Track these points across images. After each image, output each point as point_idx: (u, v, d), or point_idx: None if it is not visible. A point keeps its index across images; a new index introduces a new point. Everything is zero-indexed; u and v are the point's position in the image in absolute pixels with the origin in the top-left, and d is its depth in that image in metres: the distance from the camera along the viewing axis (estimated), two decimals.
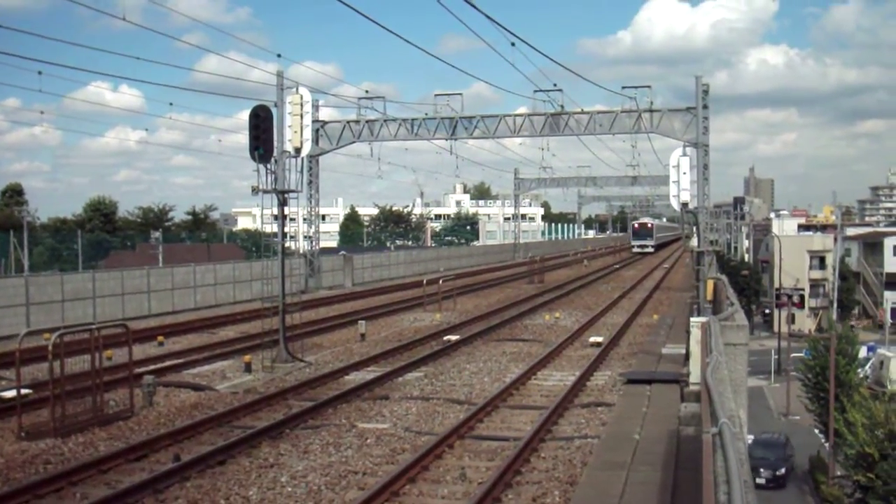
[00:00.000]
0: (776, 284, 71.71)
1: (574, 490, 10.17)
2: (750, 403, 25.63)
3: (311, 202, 40.43)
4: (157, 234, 60.83)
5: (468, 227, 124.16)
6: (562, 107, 35.96)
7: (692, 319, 17.64)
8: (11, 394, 14.26)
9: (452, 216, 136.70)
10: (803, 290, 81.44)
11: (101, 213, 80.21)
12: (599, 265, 66.00)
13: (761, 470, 35.28)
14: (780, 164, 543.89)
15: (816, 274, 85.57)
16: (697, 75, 33.91)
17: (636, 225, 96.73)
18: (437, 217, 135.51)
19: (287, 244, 24.36)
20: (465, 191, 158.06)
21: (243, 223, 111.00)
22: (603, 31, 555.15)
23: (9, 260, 50.86)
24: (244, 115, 23.48)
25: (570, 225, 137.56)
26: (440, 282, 34.79)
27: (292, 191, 21.17)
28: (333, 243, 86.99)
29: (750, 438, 25.17)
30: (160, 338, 23.69)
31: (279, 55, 57.55)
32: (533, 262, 53.22)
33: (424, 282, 35.27)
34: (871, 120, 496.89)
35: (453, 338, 23.49)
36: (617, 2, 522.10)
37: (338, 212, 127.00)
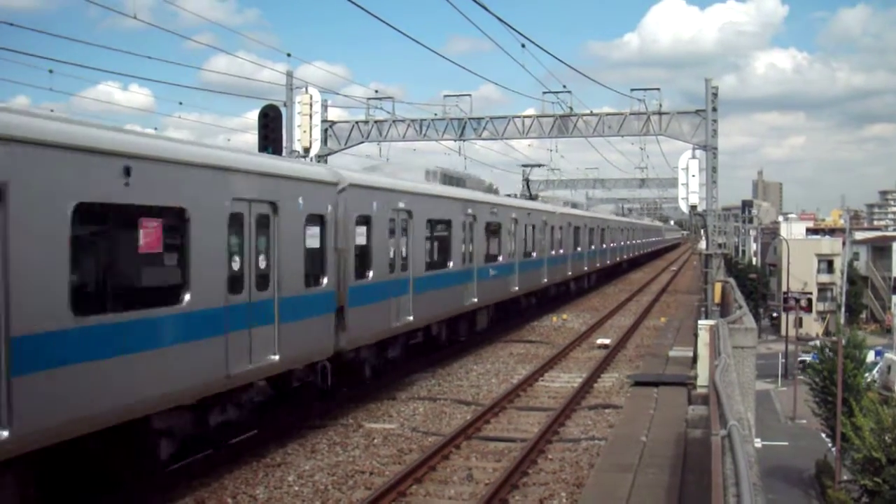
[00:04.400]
0: (784, 288, 71.40)
1: (581, 492, 10.16)
2: (757, 407, 25.54)
3: None
4: None
5: None
6: (570, 108, 35.83)
7: (700, 322, 17.65)
8: None
9: None
10: (811, 293, 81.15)
11: None
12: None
13: None
14: (788, 167, 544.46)
15: (824, 278, 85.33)
16: (707, 78, 33.71)
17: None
18: None
19: None
20: None
21: None
22: (610, 35, 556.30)
23: None
24: (253, 115, 23.58)
25: None
26: None
27: None
28: None
29: (758, 442, 24.80)
30: None
31: (289, 55, 57.65)
32: None
33: None
34: (879, 124, 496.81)
35: (460, 339, 23.46)
36: (624, 5, 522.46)
37: None
